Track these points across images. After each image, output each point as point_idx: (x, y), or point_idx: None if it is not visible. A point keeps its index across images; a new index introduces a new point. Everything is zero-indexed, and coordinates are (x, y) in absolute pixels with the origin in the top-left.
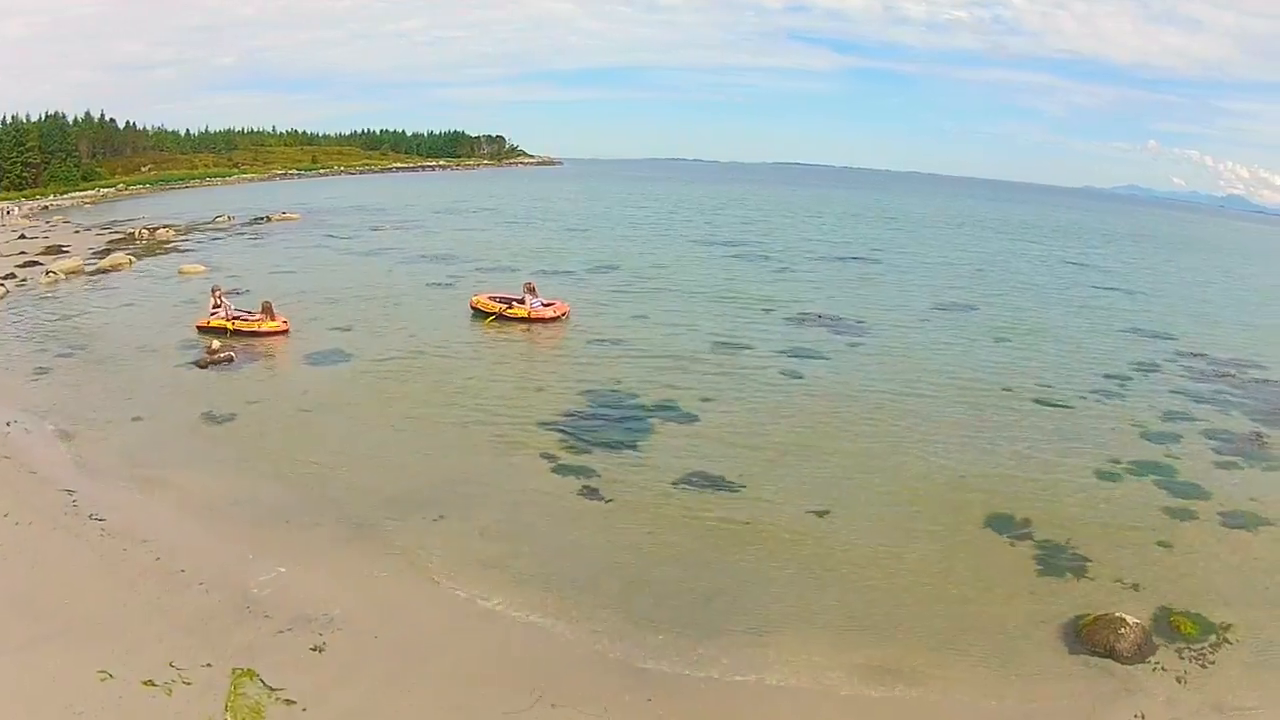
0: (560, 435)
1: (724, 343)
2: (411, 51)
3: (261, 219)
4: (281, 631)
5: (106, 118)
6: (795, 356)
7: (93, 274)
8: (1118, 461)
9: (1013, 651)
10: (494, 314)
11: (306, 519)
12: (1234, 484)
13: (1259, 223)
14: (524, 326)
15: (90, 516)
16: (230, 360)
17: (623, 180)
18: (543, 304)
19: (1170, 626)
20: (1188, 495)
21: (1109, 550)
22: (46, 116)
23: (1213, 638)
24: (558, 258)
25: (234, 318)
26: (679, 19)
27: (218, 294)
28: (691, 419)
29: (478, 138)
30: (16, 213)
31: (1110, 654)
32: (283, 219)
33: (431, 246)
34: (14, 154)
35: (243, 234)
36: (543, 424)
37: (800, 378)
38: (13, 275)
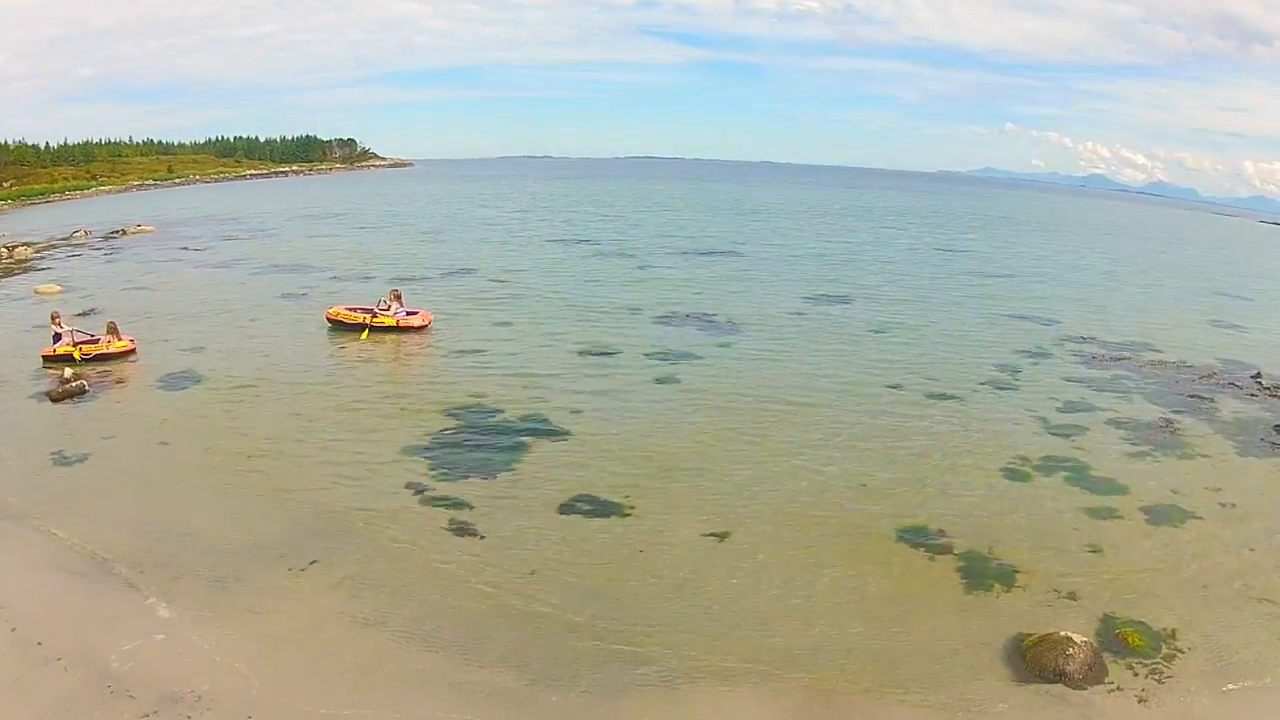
0: (428, 461)
1: (591, 349)
2: (265, 56)
3: (117, 232)
4: (147, 716)
5: None
6: (668, 361)
7: None
8: (1025, 459)
9: (954, 683)
10: (366, 326)
11: (165, 574)
12: (1151, 476)
13: (1124, 201)
14: (379, 338)
15: None
16: (83, 392)
17: (474, 180)
18: (408, 313)
19: (1118, 640)
20: (1106, 491)
21: (1036, 558)
22: None
23: (1163, 648)
24: (411, 263)
25: (79, 343)
26: (526, 16)
27: (58, 320)
28: (565, 434)
29: (330, 141)
30: None
31: (1061, 678)
32: (138, 231)
33: (285, 255)
34: None
35: (99, 249)
36: (408, 449)
37: (676, 383)
38: None
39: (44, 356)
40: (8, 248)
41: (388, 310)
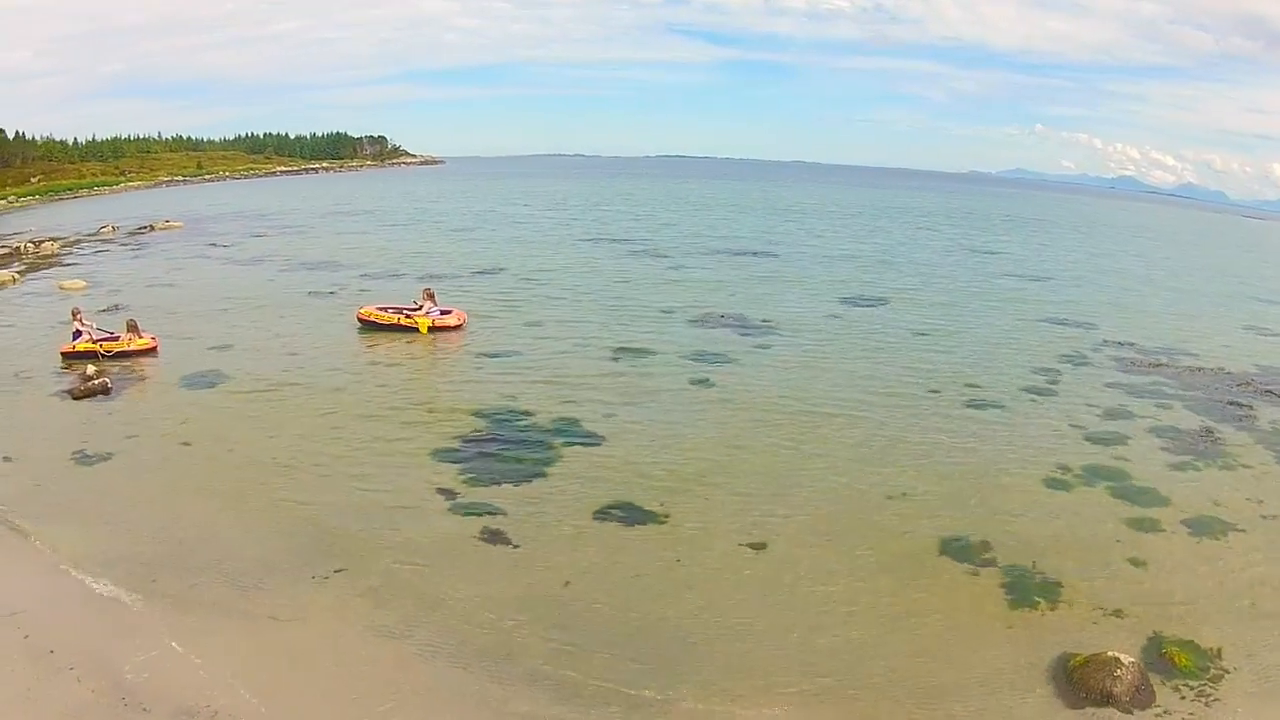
0: (458, 466)
1: (624, 350)
2: (292, 54)
3: (145, 228)
4: None
5: None
6: (703, 364)
7: None
8: (1067, 468)
9: (1001, 706)
10: (411, 328)
11: (184, 581)
12: (1192, 486)
13: (1154, 203)
14: (411, 338)
15: None
16: (106, 390)
17: (504, 178)
18: (441, 312)
19: (1165, 660)
20: (1147, 503)
21: (1080, 572)
22: None
23: (1210, 668)
24: (441, 261)
25: (99, 340)
26: (554, 14)
27: (78, 316)
28: (599, 439)
29: (360, 139)
30: None
31: (1109, 700)
32: (166, 227)
33: (313, 252)
34: None
35: (126, 244)
36: (438, 453)
37: (711, 387)
38: None
39: (63, 353)
40: (34, 243)
41: (419, 309)
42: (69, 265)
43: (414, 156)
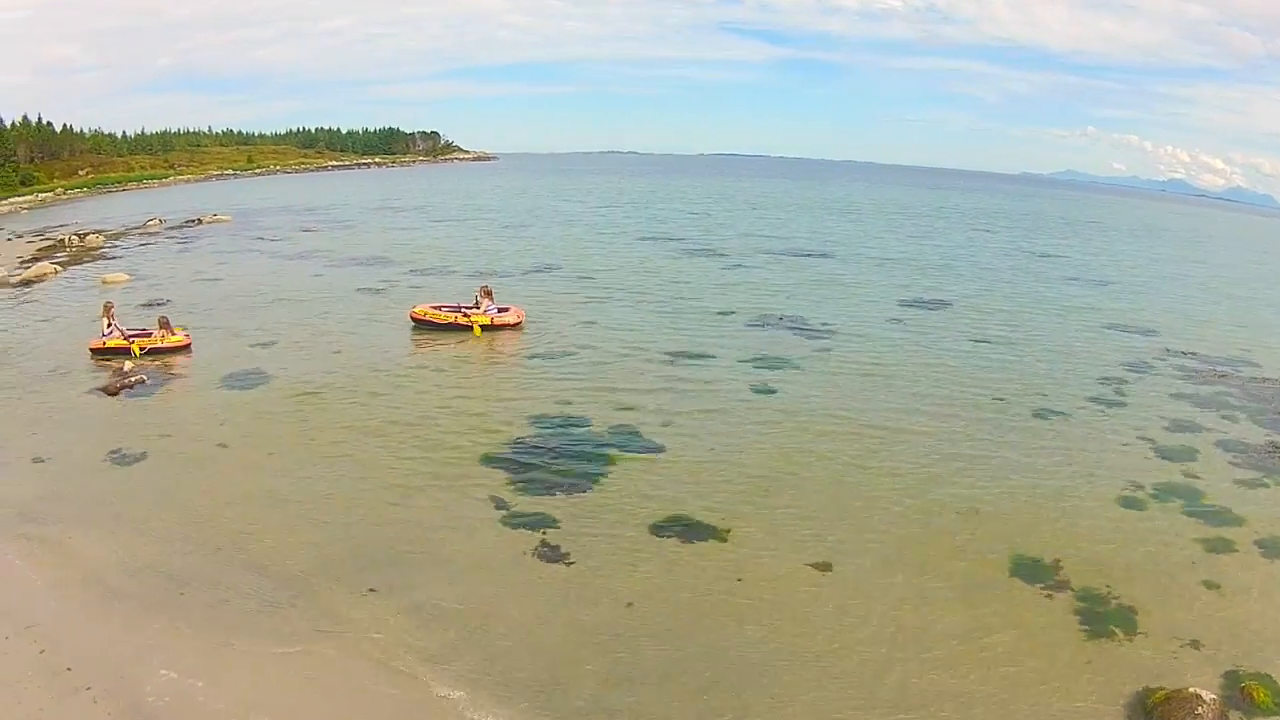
0: (510, 474)
1: (682, 353)
2: (344, 49)
3: (192, 221)
4: None
5: (43, 121)
6: (762, 368)
7: (15, 285)
8: (1137, 485)
9: None
10: (468, 326)
11: (213, 595)
12: (1263, 505)
13: (1205, 207)
14: (464, 338)
15: None
16: (142, 383)
17: (559, 175)
18: (499, 310)
19: (1244, 696)
20: (1220, 522)
21: (1155, 598)
22: None
23: None
24: (495, 258)
25: (129, 337)
26: (608, 12)
27: (110, 312)
28: (657, 449)
29: (413, 134)
30: None
31: None
32: (214, 221)
33: (363, 248)
34: None
35: (172, 238)
36: (489, 460)
37: (772, 394)
38: None
39: (92, 349)
40: (78, 235)
41: (476, 308)
42: (113, 258)
43: (467, 152)
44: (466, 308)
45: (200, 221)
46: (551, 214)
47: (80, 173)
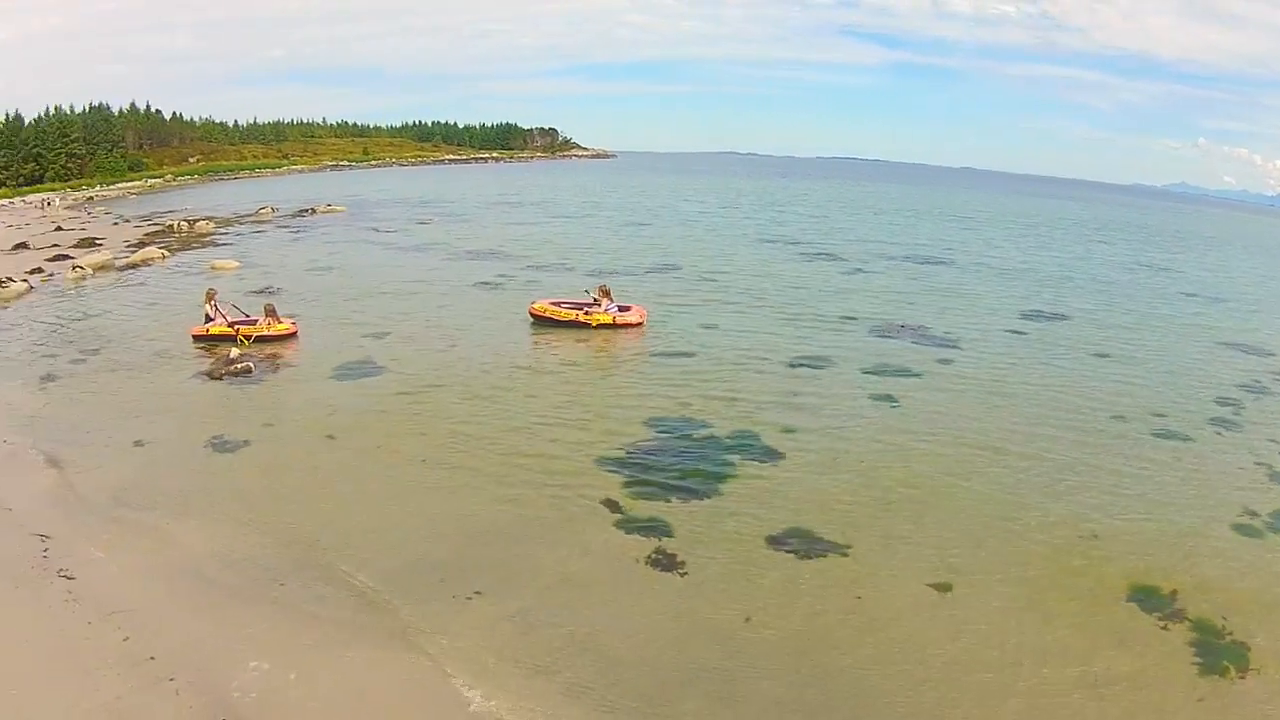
0: (625, 477)
1: (804, 358)
2: (460, 45)
3: (306, 211)
4: None
5: (152, 109)
6: (883, 375)
7: (122, 269)
8: (1254, 512)
9: None
10: (586, 324)
11: (311, 590)
12: None
13: None
14: (582, 335)
15: (59, 573)
16: (249, 371)
17: (678, 174)
18: (620, 308)
19: None
20: None
21: (1271, 633)
22: (90, 108)
23: None
24: (613, 257)
25: (234, 324)
26: (726, 13)
27: (213, 299)
28: (776, 455)
29: (530, 130)
30: (58, 203)
31: None
32: (328, 211)
33: (480, 241)
34: (58, 145)
35: (284, 226)
36: (604, 461)
37: (892, 403)
38: (39, 270)
39: (194, 336)
40: (188, 221)
41: (596, 306)
42: (222, 245)
43: (586, 150)
44: (588, 305)
45: (313, 211)
46: (671, 213)
47: (190, 160)
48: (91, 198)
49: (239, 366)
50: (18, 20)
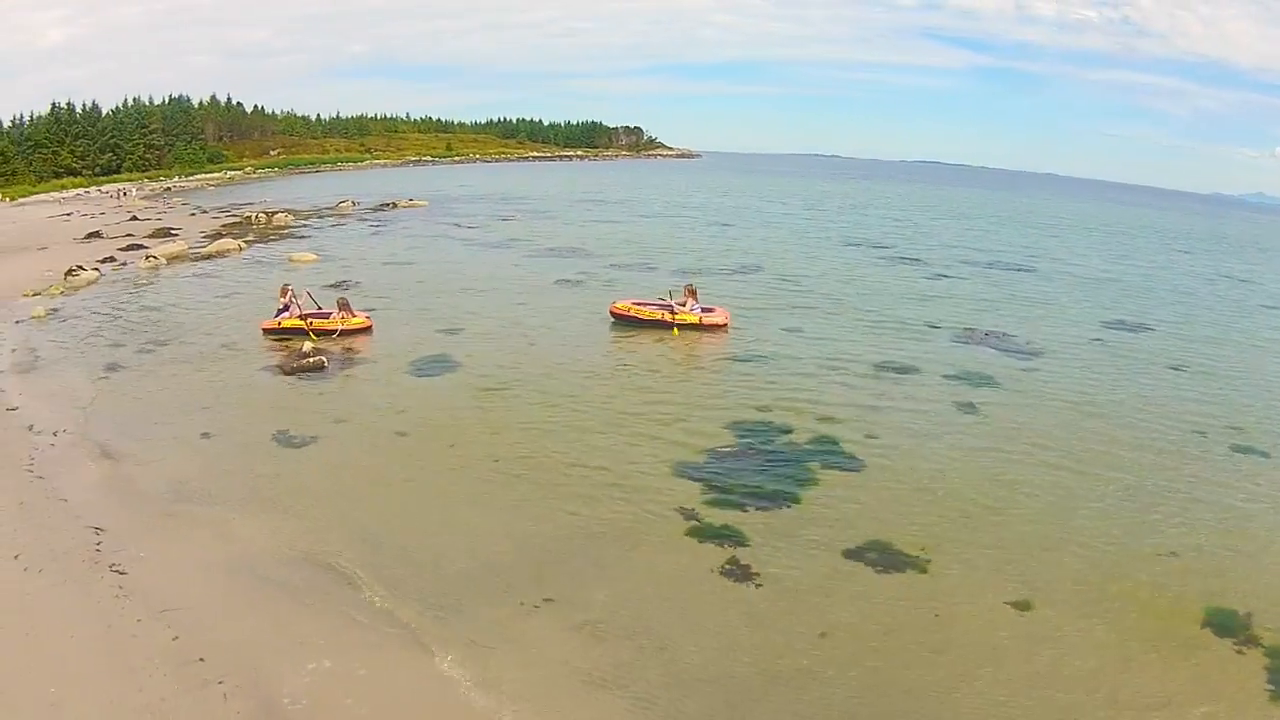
0: (702, 483)
1: (886, 366)
2: (545, 43)
3: (387, 205)
4: None
5: (233, 101)
6: (965, 384)
7: (196, 260)
8: None
9: None
10: (674, 325)
11: (369, 592)
12: None
13: None
14: (662, 336)
15: (111, 567)
16: (322, 368)
17: (762, 175)
18: (704, 310)
19: None
20: None
21: None
22: (170, 99)
23: None
24: (696, 256)
25: (307, 317)
26: (810, 14)
27: (288, 292)
28: (856, 463)
29: (615, 129)
30: (134, 194)
31: None
32: (409, 205)
33: (562, 239)
34: (136, 135)
35: (364, 220)
36: (681, 467)
37: (974, 413)
38: (112, 259)
39: (264, 330)
40: (266, 213)
41: (684, 306)
42: (301, 238)
43: (670, 149)
44: (675, 304)
45: (394, 205)
46: (755, 215)
47: (271, 153)
48: (169, 189)
49: (311, 361)
50: (102, 11)
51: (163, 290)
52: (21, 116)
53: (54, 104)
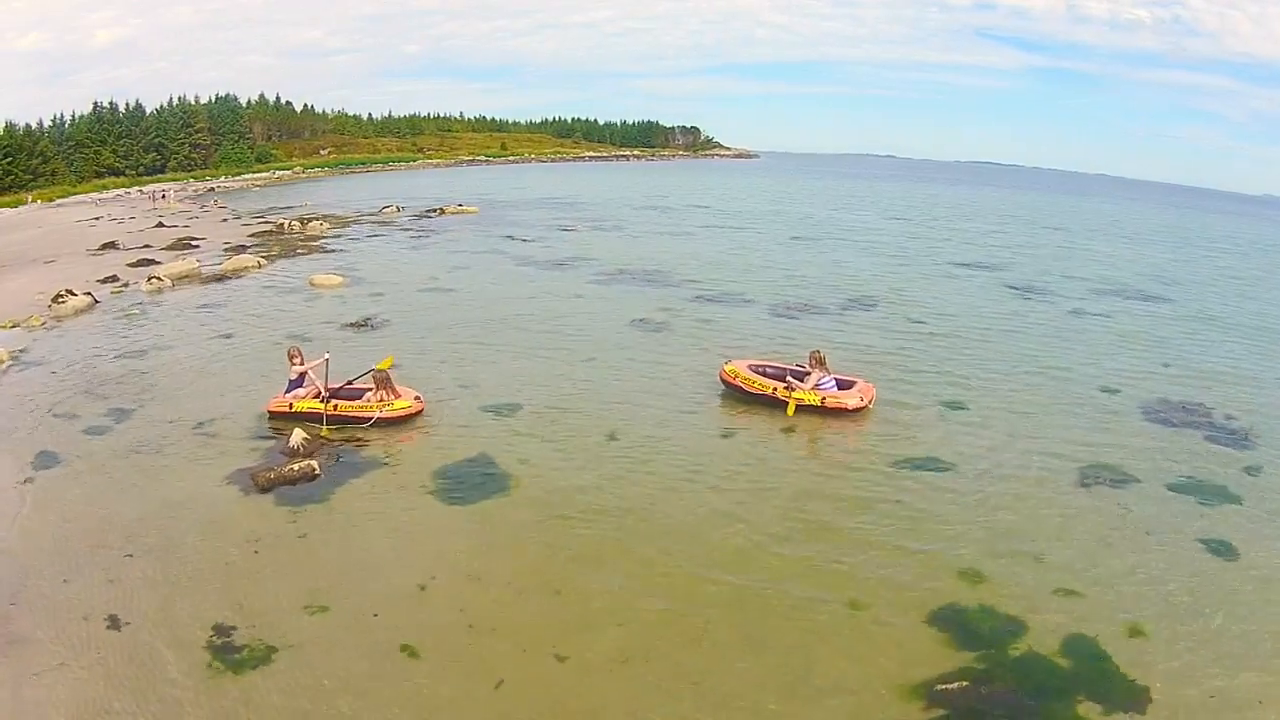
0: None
1: (1093, 468)
2: (601, 43)
3: (434, 211)
4: None
5: (282, 100)
6: (1195, 503)
7: (206, 281)
8: None
9: None
10: (789, 401)
11: None
12: None
13: None
14: (775, 415)
15: None
16: (311, 478)
17: (822, 177)
18: (838, 384)
19: None
20: None
21: None
22: (216, 98)
23: None
24: (793, 283)
25: (331, 396)
26: (865, 14)
27: (297, 359)
28: (1133, 691)
29: (672, 128)
30: (171, 196)
31: None
32: (458, 212)
33: (635, 258)
34: (181, 135)
35: (407, 230)
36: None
37: (1229, 556)
38: (114, 278)
39: (270, 412)
40: (300, 220)
41: (808, 375)
42: (332, 251)
43: (728, 149)
44: (796, 371)
45: (442, 211)
46: (834, 225)
47: (322, 152)
48: (212, 189)
49: (297, 469)
50: (153, 13)
51: (155, 326)
52: (62, 116)
53: (95, 103)
